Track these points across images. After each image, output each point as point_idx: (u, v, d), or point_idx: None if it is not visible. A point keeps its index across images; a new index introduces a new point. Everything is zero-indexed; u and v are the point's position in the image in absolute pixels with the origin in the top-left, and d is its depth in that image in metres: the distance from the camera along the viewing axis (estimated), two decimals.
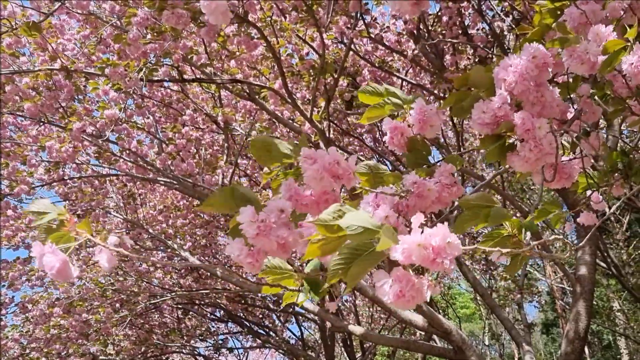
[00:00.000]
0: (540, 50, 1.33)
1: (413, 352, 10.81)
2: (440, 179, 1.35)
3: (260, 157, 1.25)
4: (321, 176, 1.12)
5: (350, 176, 1.16)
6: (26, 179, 4.90)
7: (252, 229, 1.05)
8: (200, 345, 10.30)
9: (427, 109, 1.38)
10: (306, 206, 1.18)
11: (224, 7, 1.22)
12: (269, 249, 1.08)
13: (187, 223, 7.12)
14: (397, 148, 1.45)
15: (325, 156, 1.14)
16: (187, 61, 4.37)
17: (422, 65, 5.84)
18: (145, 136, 6.12)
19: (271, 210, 1.07)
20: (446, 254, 0.99)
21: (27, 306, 6.76)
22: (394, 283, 1.04)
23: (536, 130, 1.31)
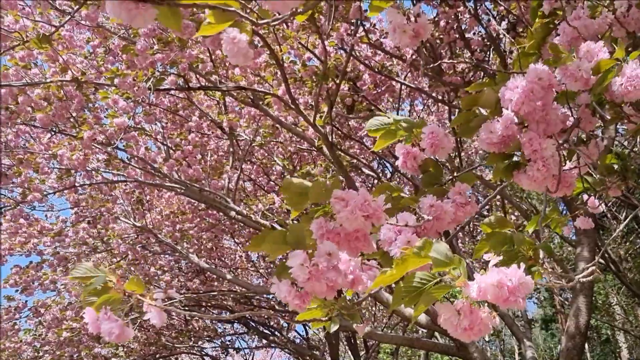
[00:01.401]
0: (545, 71, 1.36)
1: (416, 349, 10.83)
2: (455, 199, 1.40)
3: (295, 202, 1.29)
4: (355, 217, 1.15)
5: (380, 215, 1.18)
6: (38, 187, 4.94)
7: (304, 273, 1.09)
8: (208, 346, 10.34)
9: (438, 132, 1.43)
10: (338, 243, 1.21)
11: (245, 49, 1.25)
12: (318, 292, 1.12)
13: (194, 227, 7.15)
14: (410, 171, 1.51)
15: (356, 197, 1.17)
16: (192, 70, 4.41)
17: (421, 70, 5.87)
18: (153, 143, 6.18)
19: (320, 254, 1.11)
20: (520, 293, 1.04)
21: (40, 310, 6.80)
22: (464, 317, 1.09)
23: (543, 151, 1.36)
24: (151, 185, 5.63)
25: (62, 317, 6.71)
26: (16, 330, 6.91)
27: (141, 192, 6.43)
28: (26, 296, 6.50)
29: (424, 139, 1.44)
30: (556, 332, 15.84)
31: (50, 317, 6.74)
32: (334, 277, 1.11)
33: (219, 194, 5.51)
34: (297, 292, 1.13)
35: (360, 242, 1.22)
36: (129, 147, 4.92)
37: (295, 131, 5.04)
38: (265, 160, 6.88)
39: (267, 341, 10.05)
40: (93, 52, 4.50)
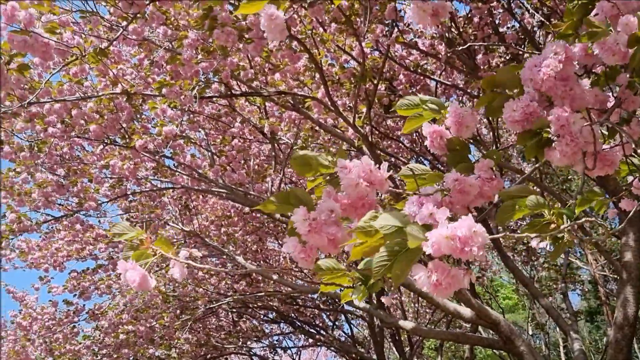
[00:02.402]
0: (561, 45, 1.36)
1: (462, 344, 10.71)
2: (480, 174, 1.39)
3: (301, 171, 1.33)
4: (356, 183, 1.18)
5: (383, 182, 1.21)
6: (93, 196, 5.09)
7: (305, 226, 1.13)
8: (256, 346, 10.44)
9: (462, 111, 1.44)
10: (345, 210, 1.24)
11: (282, 26, 1.28)
12: (320, 245, 1.16)
13: (239, 230, 7.24)
14: (438, 150, 1.50)
15: (359, 165, 1.20)
16: (234, 77, 4.48)
17: (456, 67, 5.82)
18: (197, 150, 6.29)
19: (322, 210, 1.16)
20: (473, 242, 1.04)
21: (97, 314, 6.99)
22: (431, 273, 1.09)
23: (571, 125, 1.34)
24: (198, 191, 5.73)
25: (117, 322, 6.89)
26: (75, 333, 7.12)
27: (187, 198, 6.55)
28: (83, 300, 6.70)
29: (449, 118, 1.44)
30: (601, 324, 15.43)
31: (107, 323, 6.92)
32: (334, 231, 1.14)
33: (263, 197, 5.57)
34: (302, 247, 1.17)
35: (366, 209, 1.23)
36: (176, 155, 5.02)
37: (335, 132, 5.06)
38: None
39: (314, 340, 10.09)
40: (139, 65, 4.62)
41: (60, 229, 5.80)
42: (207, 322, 9.11)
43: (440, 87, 6.57)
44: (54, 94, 3.78)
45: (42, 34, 2.49)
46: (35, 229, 5.08)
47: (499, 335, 5.09)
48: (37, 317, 6.91)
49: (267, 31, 1.41)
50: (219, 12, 3.32)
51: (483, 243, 1.05)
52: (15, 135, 4.50)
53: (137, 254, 1.25)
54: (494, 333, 5.44)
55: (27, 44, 2.42)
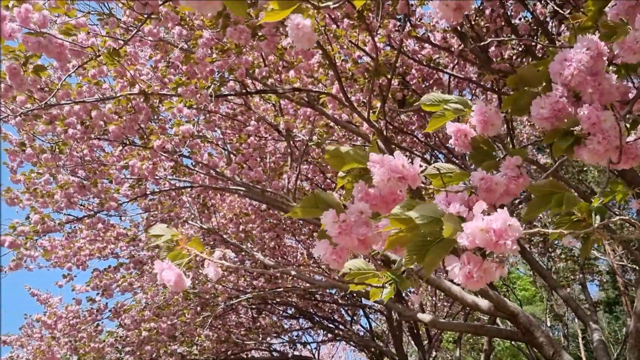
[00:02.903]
0: (593, 41, 1.33)
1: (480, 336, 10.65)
2: (507, 172, 1.38)
3: (335, 164, 1.32)
4: (388, 178, 1.17)
5: (415, 177, 1.20)
6: (113, 196, 5.13)
7: (335, 228, 1.14)
8: (276, 341, 10.47)
9: (487, 110, 1.42)
10: (376, 205, 1.24)
11: (310, 34, 1.28)
12: (350, 246, 1.16)
13: (256, 227, 7.26)
14: (462, 148, 1.49)
15: (392, 160, 1.19)
16: (249, 75, 4.48)
17: (469, 59, 5.78)
18: (214, 149, 6.31)
19: (352, 212, 1.16)
20: (508, 235, 1.04)
21: (119, 312, 7.06)
22: (463, 265, 1.09)
23: (602, 123, 1.32)
24: (216, 189, 5.76)
25: (140, 319, 6.95)
26: (98, 331, 7.19)
27: (206, 197, 6.58)
28: (106, 298, 6.77)
29: (474, 116, 1.43)
30: (620, 314, 15.25)
31: (130, 320, 6.98)
32: (364, 232, 1.14)
33: (280, 194, 5.58)
34: (333, 249, 1.18)
35: (396, 204, 1.21)
36: (194, 154, 5.05)
37: (351, 128, 5.05)
38: (321, 160, 6.92)
39: (333, 335, 10.09)
40: (156, 66, 4.64)
41: (83, 228, 5.87)
42: (227, 319, 9.16)
43: (453, 81, 6.53)
44: (74, 96, 3.81)
45: (56, 35, 2.51)
46: (58, 229, 5.13)
47: (518, 327, 5.04)
48: (61, 315, 6.99)
49: (294, 40, 1.39)
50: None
51: (517, 237, 1.05)
52: (37, 138, 4.56)
53: (172, 255, 1.27)
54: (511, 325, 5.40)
55: (41, 45, 2.44)
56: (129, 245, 6.40)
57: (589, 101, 1.35)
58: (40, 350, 7.09)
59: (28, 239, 4.80)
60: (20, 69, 2.53)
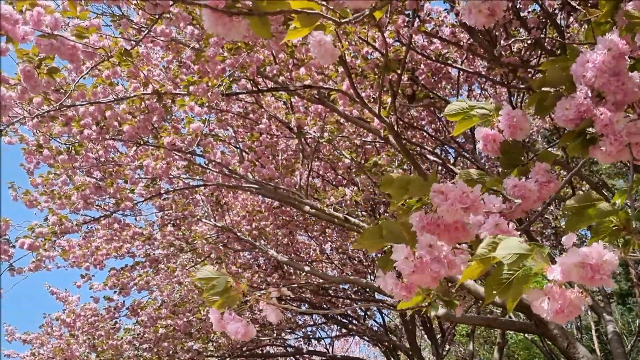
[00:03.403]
0: (613, 42, 1.32)
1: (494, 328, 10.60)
2: (537, 178, 1.39)
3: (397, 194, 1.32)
4: (455, 209, 1.18)
5: (478, 205, 1.20)
6: (129, 196, 5.17)
7: (409, 266, 1.13)
8: (290, 337, 10.49)
9: (515, 114, 1.42)
10: (437, 233, 1.24)
11: (332, 49, 1.28)
12: (423, 282, 1.17)
13: (269, 224, 7.27)
14: (491, 153, 1.50)
15: (455, 189, 1.19)
16: (260, 73, 4.48)
17: (478, 54, 5.74)
18: (226, 147, 6.33)
19: (422, 246, 1.15)
20: (604, 270, 1.03)
21: (136, 310, 7.11)
22: (553, 300, 1.09)
23: (614, 125, 1.31)
24: (229, 187, 5.77)
25: (156, 316, 6.99)
26: (116, 329, 7.25)
27: (219, 195, 6.60)
28: (123, 296, 6.83)
29: (502, 121, 1.43)
30: (633, 306, 15.12)
31: (147, 318, 7.03)
32: (437, 269, 1.14)
33: (293, 191, 5.58)
34: (402, 284, 1.19)
35: (459, 232, 1.24)
36: (206, 153, 5.06)
37: (362, 124, 5.04)
38: (332, 156, 6.92)
39: (346, 330, 10.10)
40: (168, 66, 4.66)
41: (99, 228, 5.91)
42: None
43: (463, 75, 6.50)
44: (89, 97, 3.83)
45: (68, 37, 2.52)
46: (76, 230, 5.18)
47: (532, 319, 5.02)
48: (80, 314, 7.06)
49: (317, 56, 1.41)
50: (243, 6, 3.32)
51: (612, 271, 1.05)
52: (54, 139, 4.59)
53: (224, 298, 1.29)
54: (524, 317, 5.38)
55: (53, 47, 2.45)
56: (144, 244, 6.43)
57: (613, 101, 1.35)
58: (59, 348, 7.16)
59: (47, 240, 4.84)
60: (34, 71, 2.54)
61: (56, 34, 2.35)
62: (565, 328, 13.17)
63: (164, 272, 6.88)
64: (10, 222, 4.60)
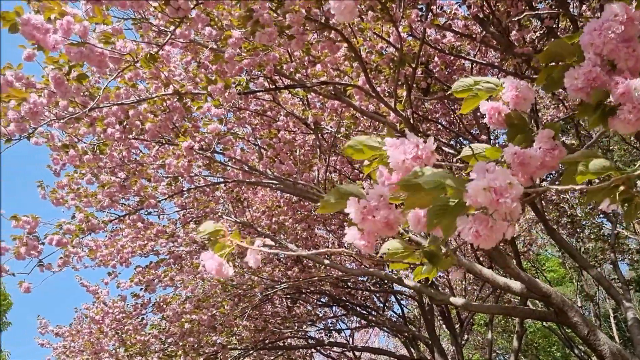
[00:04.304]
0: (620, 6, 1.30)
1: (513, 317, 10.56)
2: (541, 145, 1.36)
3: (356, 156, 1.36)
4: (403, 160, 1.20)
5: (429, 156, 1.21)
6: (152, 194, 5.23)
7: (358, 215, 1.16)
8: (311, 329, 10.54)
9: (519, 85, 1.39)
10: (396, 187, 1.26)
11: (351, 6, 1.29)
12: (376, 229, 1.19)
13: (288, 219, 7.31)
14: (497, 125, 1.47)
15: (405, 142, 1.21)
16: (277, 71, 4.51)
17: (492, 45, 5.71)
18: (244, 145, 6.38)
19: (372, 197, 1.18)
20: (508, 193, 1.05)
21: (162, 306, 7.20)
22: (472, 225, 1.12)
23: (632, 92, 1.28)
24: (250, 183, 5.81)
25: (181, 311, 7.08)
26: (143, 324, 7.36)
27: (239, 191, 6.65)
28: (149, 293, 6.91)
29: (506, 93, 1.40)
30: None
31: (172, 312, 7.12)
32: (386, 214, 1.16)
33: (311, 185, 5.61)
34: (361, 235, 1.21)
35: None
36: (226, 150, 5.10)
37: (378, 118, 5.04)
38: None
39: (366, 321, 10.12)
40: (187, 67, 4.70)
41: (124, 227, 5.99)
42: (264, 309, 9.25)
43: (476, 67, 6.46)
44: (112, 98, 3.89)
45: (97, 44, 2.56)
46: (102, 228, 5.25)
47: (552, 307, 4.99)
48: (108, 311, 7.18)
49: (337, 13, 1.42)
50: (260, 13, 3.35)
51: (518, 195, 1.06)
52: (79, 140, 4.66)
53: (217, 247, 1.32)
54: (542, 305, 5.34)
55: (83, 54, 2.50)
56: (168, 242, 6.51)
57: (625, 68, 1.32)
58: (89, 342, 7.30)
59: (74, 236, 4.91)
60: (64, 78, 2.59)
61: (85, 42, 2.39)
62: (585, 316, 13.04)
63: (188, 269, 6.95)
64: (39, 219, 4.67)
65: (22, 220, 4.45)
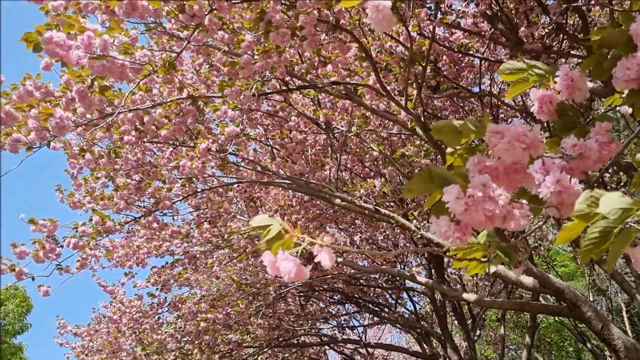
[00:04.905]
0: None
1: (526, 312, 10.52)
2: (598, 138, 1.31)
3: (450, 140, 1.27)
4: (513, 148, 1.12)
5: (537, 144, 1.13)
6: (167, 195, 5.27)
7: (460, 205, 1.07)
8: (324, 326, 10.58)
9: (573, 74, 1.34)
10: (495, 178, 1.17)
11: (389, 15, 1.26)
12: (477, 222, 1.09)
13: (301, 218, 7.33)
14: (547, 116, 1.42)
15: (512, 129, 1.13)
16: (288, 73, 4.53)
17: (500, 42, 5.70)
18: (257, 145, 6.41)
19: (475, 185, 1.09)
20: None
21: (178, 305, 7.26)
22: None
23: None
24: (263, 183, 5.84)
25: (197, 310, 7.13)
26: (160, 324, 7.43)
27: (252, 191, 6.69)
28: (165, 293, 6.97)
29: (560, 82, 1.35)
30: None
31: (187, 311, 7.18)
32: (492, 207, 1.07)
33: (323, 184, 5.63)
34: (456, 226, 1.11)
35: (519, 174, 1.16)
36: (240, 151, 5.14)
37: (389, 117, 5.05)
38: (359, 150, 6.95)
39: (379, 318, 10.13)
40: (198, 70, 4.74)
41: (139, 228, 6.05)
42: (277, 307, 9.29)
43: (484, 64, 6.45)
44: (128, 104, 3.93)
45: (117, 56, 2.60)
46: (119, 229, 5.30)
47: (565, 302, 4.97)
48: (125, 310, 7.25)
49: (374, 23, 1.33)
50: (272, 14, 3.37)
51: None
52: (96, 145, 4.72)
53: (279, 244, 1.18)
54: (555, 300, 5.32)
55: (105, 67, 2.53)
56: (183, 242, 6.56)
57: None
58: (108, 341, 7.39)
59: (91, 239, 4.97)
60: (87, 91, 2.63)
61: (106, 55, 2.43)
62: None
63: (203, 268, 7.00)
64: (58, 222, 4.74)
65: (39, 224, 4.52)
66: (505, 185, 1.16)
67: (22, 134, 3.05)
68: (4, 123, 3.02)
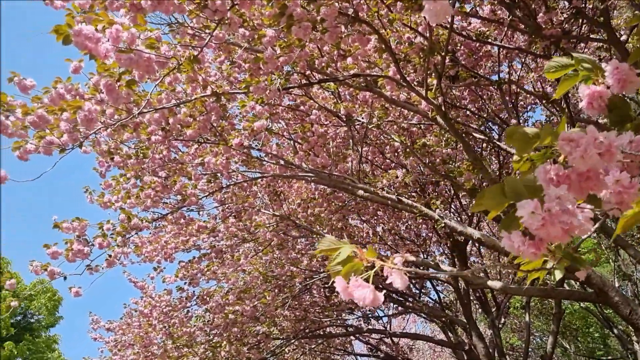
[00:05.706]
0: None
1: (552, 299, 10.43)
2: None
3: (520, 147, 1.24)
4: (589, 156, 1.07)
5: (613, 150, 1.08)
6: (193, 192, 5.34)
7: (537, 220, 1.03)
8: (350, 317, 10.62)
9: (623, 67, 1.30)
10: (568, 187, 1.11)
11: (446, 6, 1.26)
12: (553, 236, 1.05)
13: (324, 210, 7.36)
14: (597, 111, 1.37)
15: (585, 136, 1.08)
16: (310, 67, 4.55)
17: (519, 29, 5.64)
18: (278, 140, 6.45)
19: (552, 198, 1.04)
20: None
21: (205, 298, 7.35)
22: None
23: None
24: (287, 177, 5.88)
25: (224, 303, 7.22)
26: (189, 317, 7.53)
27: (275, 185, 6.74)
28: (193, 287, 7.08)
29: (610, 76, 1.31)
30: None
31: (215, 304, 7.27)
32: (569, 220, 1.03)
33: (346, 176, 5.66)
34: (530, 241, 1.07)
35: (592, 181, 1.11)
36: (263, 146, 5.18)
37: (410, 107, 5.05)
38: (379, 141, 6.95)
39: (403, 307, 10.13)
40: (220, 66, 4.78)
41: (166, 224, 6.14)
42: (302, 299, 9.35)
43: (503, 52, 6.40)
44: (154, 104, 3.99)
45: (144, 50, 2.64)
46: (146, 226, 5.39)
47: (591, 288, 4.94)
48: (155, 304, 7.37)
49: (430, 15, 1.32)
50: (293, 8, 3.39)
51: None
52: (123, 145, 4.81)
53: (348, 267, 1.17)
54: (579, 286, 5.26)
55: (132, 60, 2.58)
56: (209, 237, 6.65)
57: None
58: (139, 335, 7.52)
59: (117, 236, 5.05)
60: (115, 85, 2.68)
61: (133, 48, 2.47)
62: None
63: (229, 262, 7.08)
64: (87, 222, 4.83)
65: (63, 227, 4.62)
66: (576, 193, 1.13)
67: (55, 136, 3.12)
68: (37, 126, 3.09)
